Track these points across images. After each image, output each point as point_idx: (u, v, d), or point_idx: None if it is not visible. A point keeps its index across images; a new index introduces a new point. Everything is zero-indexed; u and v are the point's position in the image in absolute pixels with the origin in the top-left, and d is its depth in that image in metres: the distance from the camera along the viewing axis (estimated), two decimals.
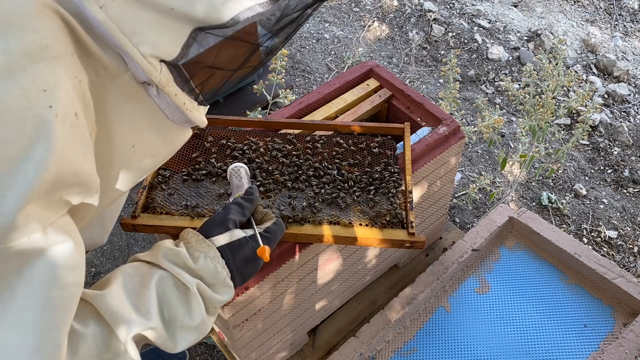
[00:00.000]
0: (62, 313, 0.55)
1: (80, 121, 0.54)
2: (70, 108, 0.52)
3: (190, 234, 0.79)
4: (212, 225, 0.81)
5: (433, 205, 1.48)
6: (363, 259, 1.38)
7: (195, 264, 0.75)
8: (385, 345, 1.46)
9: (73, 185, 0.54)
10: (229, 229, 0.81)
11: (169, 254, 0.75)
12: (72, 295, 0.56)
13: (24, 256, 0.51)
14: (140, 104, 0.63)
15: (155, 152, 0.69)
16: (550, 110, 1.75)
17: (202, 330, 0.76)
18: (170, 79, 0.61)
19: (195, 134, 1.23)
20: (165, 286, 0.73)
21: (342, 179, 1.15)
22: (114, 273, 0.74)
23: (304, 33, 3.22)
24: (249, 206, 0.87)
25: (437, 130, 1.31)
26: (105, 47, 0.57)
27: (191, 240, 0.78)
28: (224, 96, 2.44)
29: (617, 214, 2.37)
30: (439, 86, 2.93)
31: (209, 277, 0.76)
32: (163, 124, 0.67)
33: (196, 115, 0.68)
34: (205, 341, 1.90)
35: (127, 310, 0.68)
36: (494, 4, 3.44)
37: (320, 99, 1.41)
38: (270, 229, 0.86)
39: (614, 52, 3.14)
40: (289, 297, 1.23)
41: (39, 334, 0.53)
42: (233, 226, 0.81)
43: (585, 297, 1.52)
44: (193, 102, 0.66)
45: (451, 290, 1.57)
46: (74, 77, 0.53)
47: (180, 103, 0.64)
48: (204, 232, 0.80)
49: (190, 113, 0.66)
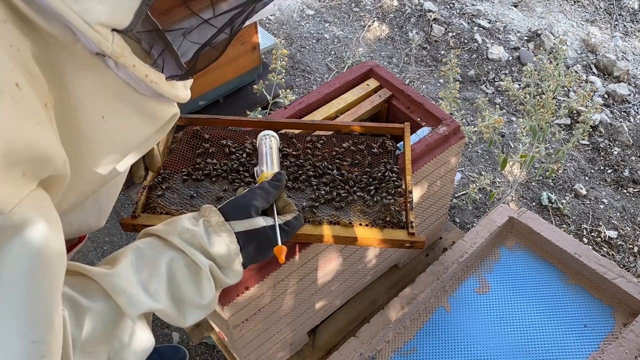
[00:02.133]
0: (48, 288, 0.53)
1: (24, 92, 0.50)
2: (7, 78, 0.49)
3: (212, 213, 0.78)
4: (235, 208, 0.80)
5: (433, 205, 1.48)
6: (363, 259, 1.38)
7: (211, 247, 0.75)
8: (385, 345, 1.46)
9: (32, 159, 0.51)
10: (251, 216, 0.80)
11: (185, 234, 0.75)
12: (55, 269, 0.54)
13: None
14: (101, 75, 0.59)
15: (134, 125, 0.66)
16: (550, 111, 1.75)
17: (211, 307, 0.77)
18: (125, 49, 0.57)
19: (195, 134, 1.23)
20: (177, 267, 0.73)
21: (342, 179, 1.15)
22: (125, 249, 0.73)
23: (304, 33, 3.22)
24: (274, 193, 0.86)
25: (437, 130, 1.31)
26: (47, 16, 0.52)
27: (212, 220, 0.77)
28: (224, 96, 2.44)
29: (617, 214, 2.37)
30: (439, 86, 2.93)
31: (221, 261, 0.76)
32: (134, 96, 0.63)
33: (165, 89, 0.64)
34: (205, 341, 1.90)
35: (135, 290, 0.68)
36: (494, 4, 3.43)
37: (320, 99, 1.41)
38: (290, 223, 0.85)
39: (614, 52, 3.14)
40: (289, 297, 1.23)
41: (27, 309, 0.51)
42: (255, 213, 0.81)
43: (585, 297, 1.52)
44: (160, 75, 0.62)
45: (451, 290, 1.57)
46: (9, 46, 0.50)
47: (141, 75, 0.60)
48: (225, 212, 0.79)
49: (157, 86, 0.62)
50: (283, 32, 3.22)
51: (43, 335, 0.52)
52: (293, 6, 3.40)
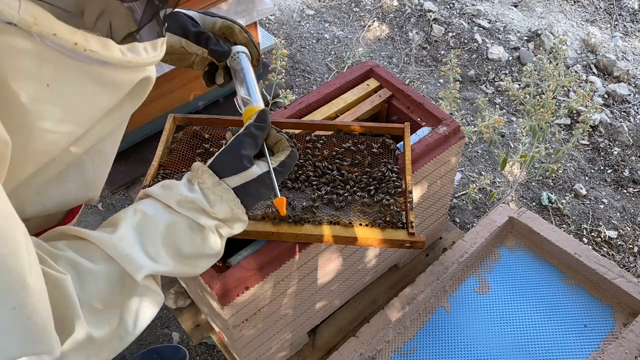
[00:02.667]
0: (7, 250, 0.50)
1: None
2: None
3: (205, 173, 0.77)
4: (225, 163, 0.79)
5: (433, 205, 1.48)
6: (363, 259, 1.38)
7: (212, 207, 0.75)
8: (385, 345, 1.46)
9: None
10: (244, 167, 0.78)
11: (183, 202, 0.74)
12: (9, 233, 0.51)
13: None
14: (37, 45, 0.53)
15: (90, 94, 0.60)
16: (550, 111, 1.75)
17: (221, 253, 0.78)
18: (41, 16, 0.50)
19: (195, 134, 1.23)
20: (180, 229, 0.73)
21: (342, 179, 1.15)
22: (125, 212, 0.73)
23: (304, 33, 3.22)
24: (261, 134, 0.83)
25: (437, 130, 1.31)
26: None
27: (206, 181, 0.76)
28: (224, 96, 2.44)
29: (617, 214, 2.37)
30: (439, 86, 2.93)
31: (225, 218, 0.76)
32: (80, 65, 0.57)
33: (110, 56, 0.57)
34: (205, 341, 1.91)
35: (137, 254, 0.68)
36: (494, 4, 3.43)
37: (320, 99, 1.41)
38: (284, 163, 0.83)
39: (614, 52, 3.14)
40: (289, 297, 1.23)
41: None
42: (248, 163, 0.79)
43: (585, 297, 1.52)
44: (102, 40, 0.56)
45: (451, 290, 1.57)
46: None
47: (68, 44, 0.53)
48: (217, 169, 0.78)
49: (95, 54, 0.56)
50: (283, 32, 3.22)
51: (21, 298, 0.51)
52: (293, 6, 3.40)
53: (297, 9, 3.38)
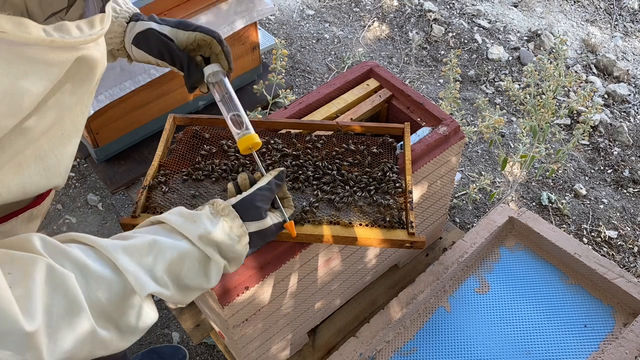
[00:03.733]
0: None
1: None
2: None
3: (232, 214, 0.81)
4: (248, 209, 0.84)
5: (433, 205, 1.48)
6: (363, 259, 1.38)
7: (234, 246, 0.80)
8: (385, 345, 1.46)
9: None
10: (262, 217, 0.85)
11: (204, 236, 0.76)
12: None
13: None
14: None
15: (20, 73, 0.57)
16: (550, 111, 1.75)
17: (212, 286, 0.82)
18: None
19: (195, 134, 1.23)
20: (189, 262, 0.75)
21: (342, 179, 1.15)
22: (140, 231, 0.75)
23: (304, 33, 3.22)
24: (277, 191, 0.91)
25: (437, 130, 1.31)
26: None
27: (234, 224, 0.81)
28: None
29: (617, 214, 2.37)
30: (439, 86, 2.93)
31: (231, 257, 0.81)
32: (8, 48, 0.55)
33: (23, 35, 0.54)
34: (205, 341, 1.90)
35: (143, 275, 0.69)
36: (494, 4, 3.43)
37: (320, 99, 1.41)
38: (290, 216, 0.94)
39: (614, 52, 3.14)
40: (289, 297, 1.23)
41: None
42: (265, 214, 0.86)
43: (585, 297, 1.52)
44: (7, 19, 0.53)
45: (451, 290, 1.57)
46: None
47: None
48: (240, 211, 0.83)
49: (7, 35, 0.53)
50: (283, 32, 3.22)
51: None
52: (293, 6, 3.40)
53: (297, 9, 3.38)
